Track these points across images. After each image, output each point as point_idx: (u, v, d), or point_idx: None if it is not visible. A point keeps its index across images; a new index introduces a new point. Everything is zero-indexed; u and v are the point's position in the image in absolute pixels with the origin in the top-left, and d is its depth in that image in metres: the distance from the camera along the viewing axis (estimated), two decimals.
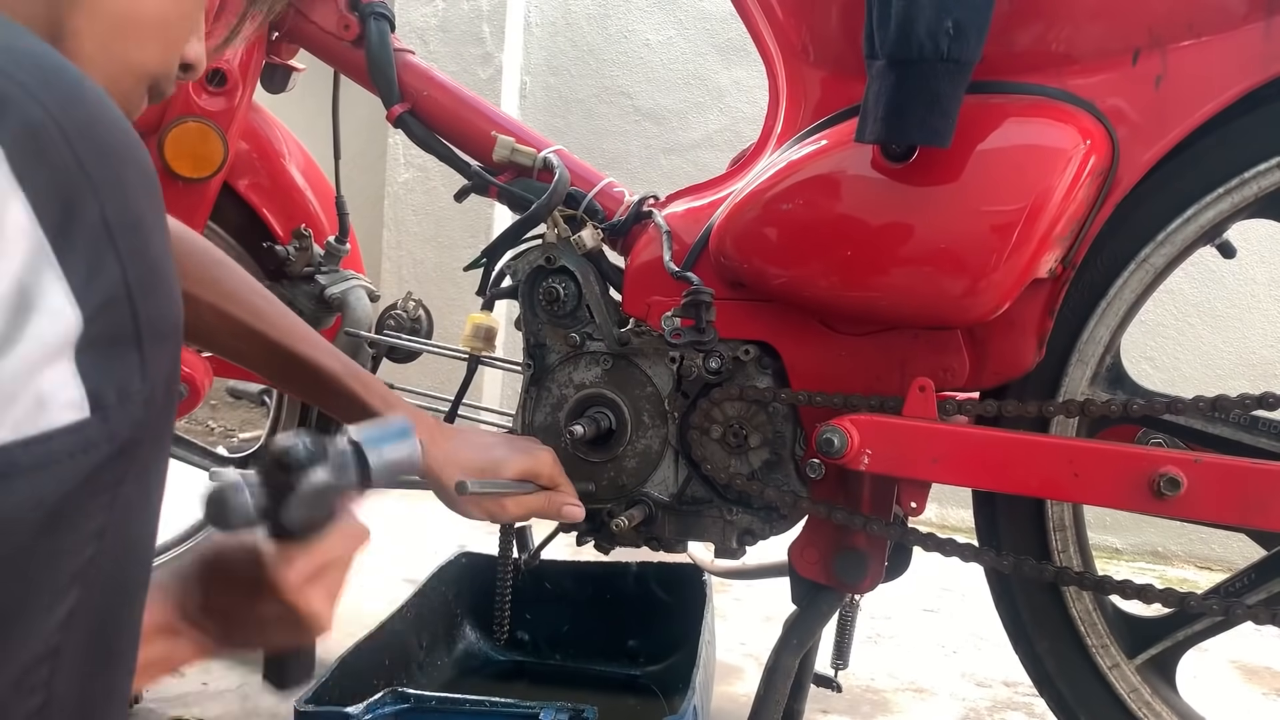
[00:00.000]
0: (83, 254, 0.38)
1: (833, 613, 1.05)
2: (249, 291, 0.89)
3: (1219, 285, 2.47)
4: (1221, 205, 0.88)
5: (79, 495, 0.39)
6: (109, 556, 0.42)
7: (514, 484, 0.94)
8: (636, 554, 1.28)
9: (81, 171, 0.38)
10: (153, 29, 0.55)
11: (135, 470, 0.42)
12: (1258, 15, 0.83)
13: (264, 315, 0.89)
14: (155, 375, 0.41)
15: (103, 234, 0.38)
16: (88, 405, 0.39)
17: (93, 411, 0.39)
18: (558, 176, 1.06)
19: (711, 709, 1.26)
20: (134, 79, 0.56)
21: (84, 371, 0.38)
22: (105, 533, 0.41)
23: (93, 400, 0.39)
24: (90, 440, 0.39)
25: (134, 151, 0.41)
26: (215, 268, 0.88)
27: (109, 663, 0.44)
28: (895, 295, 0.89)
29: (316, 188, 1.43)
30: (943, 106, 0.81)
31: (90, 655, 0.42)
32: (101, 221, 0.38)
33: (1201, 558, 2.49)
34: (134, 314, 0.40)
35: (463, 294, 2.76)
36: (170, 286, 0.43)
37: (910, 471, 0.89)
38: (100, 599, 0.42)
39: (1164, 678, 0.99)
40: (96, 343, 0.39)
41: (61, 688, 0.41)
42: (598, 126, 2.87)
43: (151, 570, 0.47)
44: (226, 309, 0.87)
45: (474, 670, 1.37)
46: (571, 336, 1.05)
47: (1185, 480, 0.80)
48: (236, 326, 0.88)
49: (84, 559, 0.40)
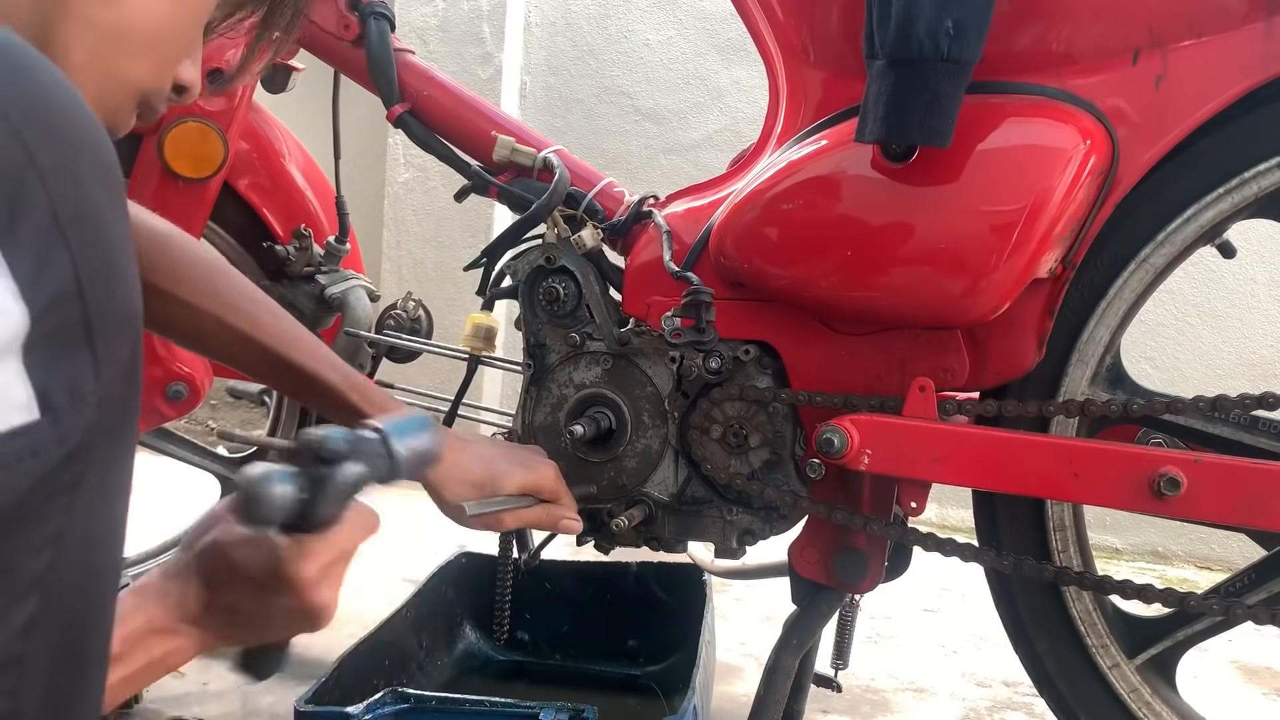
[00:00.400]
0: (30, 248, 0.36)
1: (833, 613, 1.05)
2: (249, 300, 0.89)
3: (1219, 285, 2.47)
4: (1221, 205, 0.88)
5: (31, 501, 0.38)
6: (69, 561, 0.40)
7: (514, 500, 0.94)
8: (636, 554, 1.28)
9: (29, 160, 0.36)
10: (144, 44, 0.54)
11: (92, 472, 0.40)
12: (1258, 15, 0.83)
13: (263, 325, 0.88)
14: (110, 373, 0.40)
15: (52, 226, 0.37)
16: (36, 407, 0.37)
17: (42, 414, 0.37)
18: (558, 176, 1.06)
19: (711, 709, 1.26)
20: (123, 93, 0.55)
21: (32, 371, 0.36)
22: (62, 537, 0.39)
23: (41, 402, 0.37)
24: (40, 443, 0.37)
25: (89, 136, 0.39)
26: (216, 277, 0.88)
27: (78, 668, 0.42)
28: (895, 295, 0.89)
29: (316, 188, 1.43)
30: (943, 106, 0.81)
31: (57, 662, 0.41)
32: (51, 213, 0.36)
33: (1201, 558, 2.49)
34: (85, 310, 0.38)
35: (463, 294, 2.76)
36: (127, 279, 0.41)
37: (910, 471, 0.89)
38: (63, 604, 0.41)
39: (1164, 678, 0.99)
40: (45, 341, 0.37)
41: (28, 696, 0.39)
42: (598, 126, 2.87)
43: (120, 571, 0.46)
44: (226, 318, 0.87)
45: (474, 670, 1.37)
46: (571, 336, 1.05)
47: (1185, 480, 0.80)
48: (236, 335, 0.88)
49: (41, 565, 0.39)
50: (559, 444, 1.06)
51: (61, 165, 0.37)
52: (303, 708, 0.96)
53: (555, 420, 1.07)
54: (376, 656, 1.17)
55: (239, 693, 1.34)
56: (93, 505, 0.41)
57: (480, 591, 1.32)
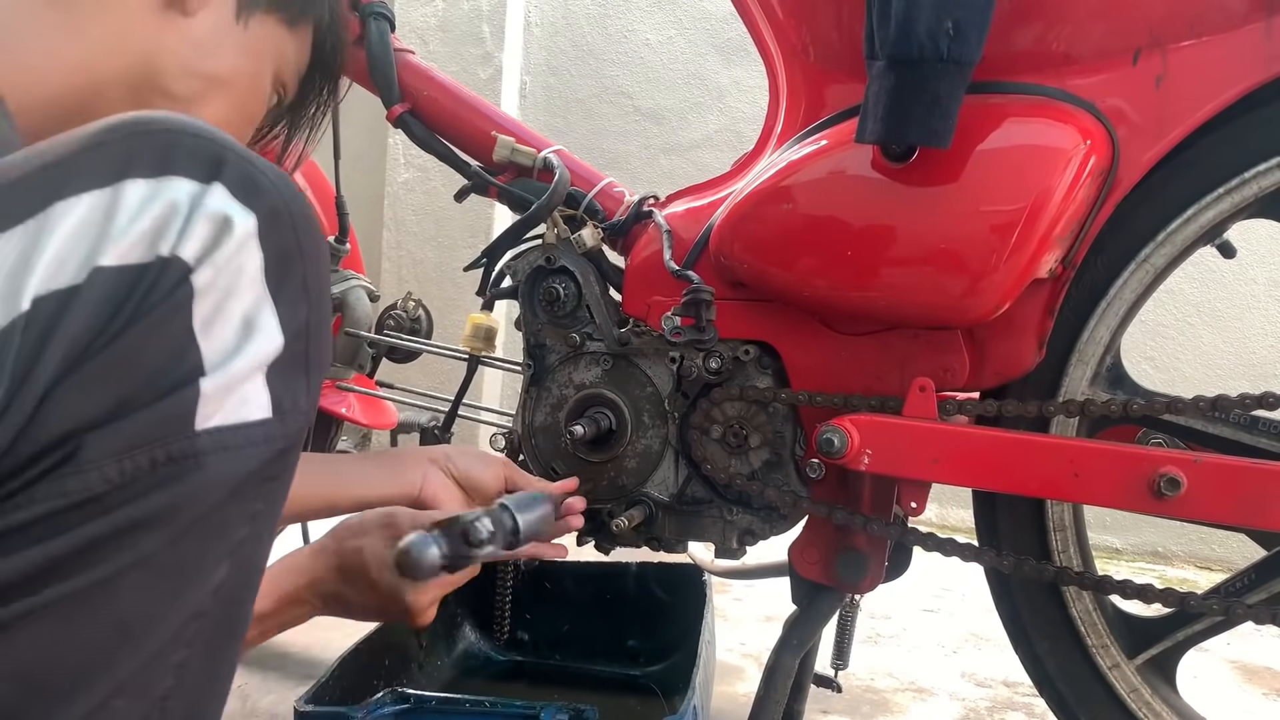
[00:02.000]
0: (288, 300, 0.50)
1: (833, 613, 1.05)
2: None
3: (1219, 285, 2.47)
4: (1221, 205, 0.88)
5: (253, 479, 0.49)
6: (253, 541, 0.51)
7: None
8: (636, 554, 1.28)
9: (298, 244, 0.51)
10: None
11: (288, 470, 0.52)
12: (1258, 15, 0.83)
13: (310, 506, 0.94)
14: (313, 397, 0.53)
15: (301, 288, 0.51)
16: (271, 409, 0.49)
17: (274, 414, 0.50)
18: (558, 176, 1.06)
19: (711, 709, 1.26)
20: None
21: (271, 384, 0.49)
22: (258, 517, 0.50)
23: (275, 405, 0.50)
24: (270, 435, 0.49)
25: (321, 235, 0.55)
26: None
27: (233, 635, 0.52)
28: (895, 295, 0.89)
29: (316, 188, 1.43)
30: (943, 107, 0.81)
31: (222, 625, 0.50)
32: (302, 279, 0.51)
33: (1201, 558, 2.49)
34: (307, 348, 0.52)
35: (463, 294, 2.76)
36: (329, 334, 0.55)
37: (910, 471, 0.89)
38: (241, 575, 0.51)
39: (1164, 678, 0.99)
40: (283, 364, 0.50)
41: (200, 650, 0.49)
42: (598, 126, 2.87)
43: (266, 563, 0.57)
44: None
45: (474, 670, 1.37)
46: (571, 336, 1.05)
47: (1185, 480, 0.80)
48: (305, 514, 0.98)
49: (239, 537, 0.50)
50: (559, 444, 1.06)
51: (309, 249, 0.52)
52: (303, 708, 0.96)
53: (555, 420, 1.07)
54: (376, 656, 1.16)
55: (239, 692, 1.34)
56: (278, 499, 0.52)
57: (480, 591, 1.32)
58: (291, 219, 0.51)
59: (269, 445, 0.49)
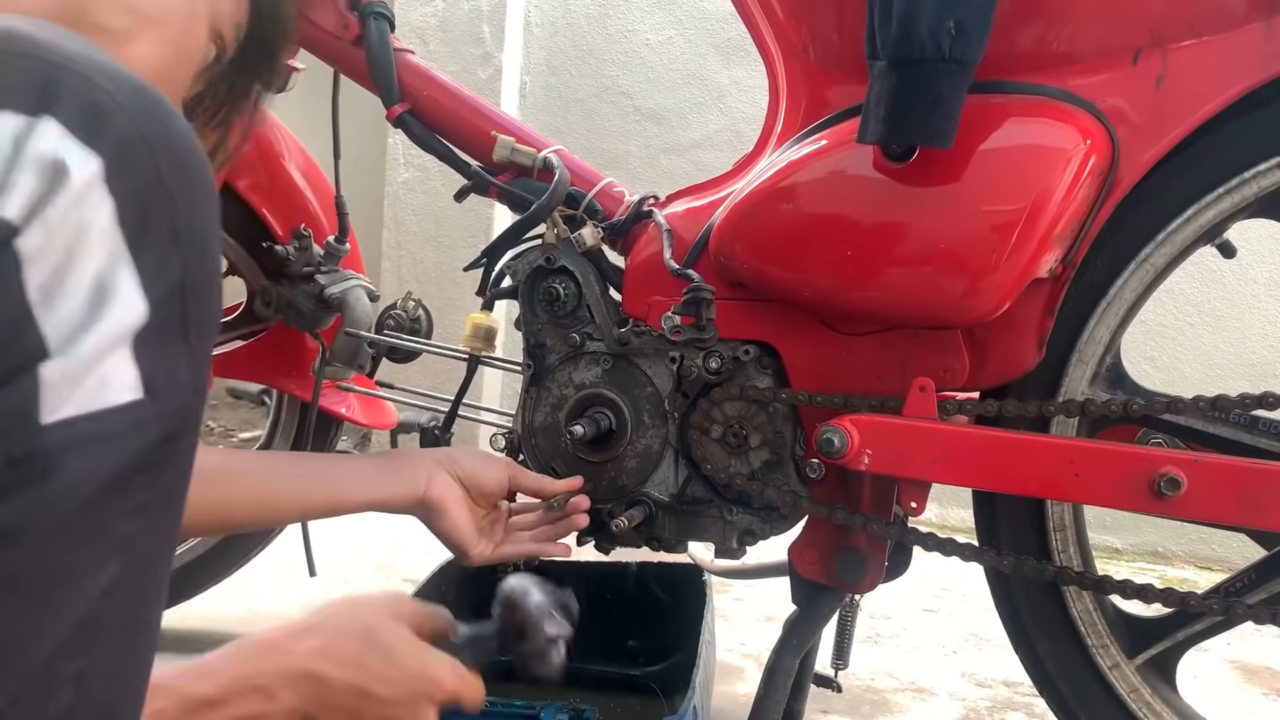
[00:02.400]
0: (153, 254, 0.42)
1: (833, 613, 1.05)
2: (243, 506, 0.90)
3: (1219, 285, 2.47)
4: (1221, 205, 0.88)
5: (129, 470, 0.43)
6: (148, 533, 0.45)
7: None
8: (636, 554, 1.28)
9: (161, 183, 0.43)
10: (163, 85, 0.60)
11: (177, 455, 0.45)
12: (1258, 15, 0.83)
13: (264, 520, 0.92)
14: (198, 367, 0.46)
15: (170, 238, 0.43)
16: (141, 388, 0.42)
17: (145, 394, 0.42)
18: (558, 176, 1.06)
19: (711, 709, 1.26)
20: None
21: (139, 358, 0.42)
22: (147, 510, 0.44)
23: (146, 384, 0.42)
24: (142, 419, 0.42)
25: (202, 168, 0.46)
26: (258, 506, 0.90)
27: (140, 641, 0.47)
28: (895, 295, 0.89)
29: (316, 188, 1.43)
30: (944, 107, 0.81)
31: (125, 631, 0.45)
32: (171, 227, 0.43)
33: (1201, 558, 2.49)
34: (185, 311, 0.44)
35: (463, 294, 2.76)
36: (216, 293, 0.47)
37: (910, 471, 0.89)
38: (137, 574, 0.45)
39: (1164, 678, 0.99)
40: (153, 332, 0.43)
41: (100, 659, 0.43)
42: (598, 126, 2.87)
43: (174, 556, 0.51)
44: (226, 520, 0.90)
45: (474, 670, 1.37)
46: (571, 336, 1.05)
47: (1185, 480, 0.80)
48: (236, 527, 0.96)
49: (126, 532, 0.43)
50: (559, 444, 1.06)
51: (182, 189, 0.44)
52: None
53: (555, 420, 1.07)
54: None
55: None
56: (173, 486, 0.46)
57: (480, 591, 1.32)
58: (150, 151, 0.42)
59: (140, 432, 0.42)
